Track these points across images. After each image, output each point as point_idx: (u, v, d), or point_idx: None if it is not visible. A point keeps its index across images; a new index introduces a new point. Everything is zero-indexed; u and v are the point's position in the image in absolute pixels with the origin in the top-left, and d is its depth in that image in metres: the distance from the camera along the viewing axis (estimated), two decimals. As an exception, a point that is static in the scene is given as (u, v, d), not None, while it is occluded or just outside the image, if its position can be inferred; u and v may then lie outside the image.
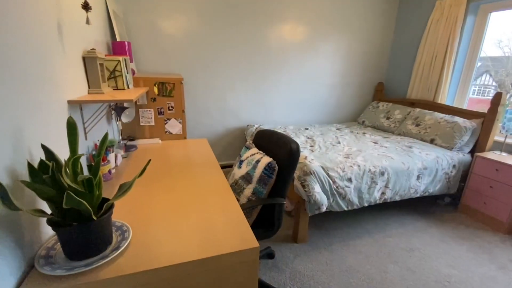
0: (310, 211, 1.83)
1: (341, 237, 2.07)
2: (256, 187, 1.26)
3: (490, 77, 3.87)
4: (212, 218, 0.97)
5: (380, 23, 3.44)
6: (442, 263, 1.82)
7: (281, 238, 2.03)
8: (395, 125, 3.06)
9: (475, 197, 2.34)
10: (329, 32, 3.23)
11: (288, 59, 3.16)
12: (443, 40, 2.78)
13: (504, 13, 2.58)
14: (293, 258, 1.82)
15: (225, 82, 2.97)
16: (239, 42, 2.89)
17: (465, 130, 2.42)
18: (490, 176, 2.21)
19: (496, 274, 1.73)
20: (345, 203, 1.96)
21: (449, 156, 2.34)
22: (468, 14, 2.69)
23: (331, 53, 3.34)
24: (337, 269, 1.73)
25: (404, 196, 2.20)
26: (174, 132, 2.11)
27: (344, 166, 1.99)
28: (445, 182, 2.34)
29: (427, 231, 2.17)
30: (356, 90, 3.65)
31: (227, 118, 3.11)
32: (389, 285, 1.62)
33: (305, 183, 1.80)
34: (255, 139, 1.62)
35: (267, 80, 3.15)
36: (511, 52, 3.09)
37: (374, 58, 3.58)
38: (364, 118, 3.47)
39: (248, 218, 1.28)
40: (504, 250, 1.97)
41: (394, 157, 2.20)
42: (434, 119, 2.69)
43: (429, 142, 2.62)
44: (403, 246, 1.98)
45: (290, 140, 1.31)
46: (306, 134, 2.84)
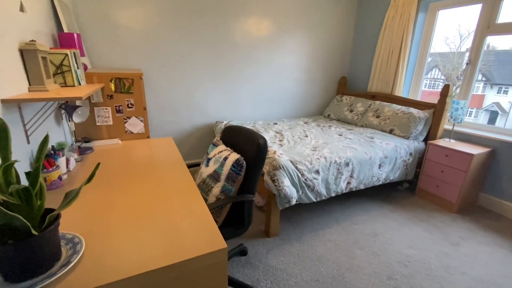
0: (280, 205, 1.85)
1: (312, 228, 2.12)
2: (225, 185, 1.23)
3: (439, 71, 4.24)
4: (177, 221, 0.91)
5: (342, 19, 3.56)
6: (403, 244, 1.95)
7: (253, 234, 2.03)
8: (357, 117, 3.21)
9: (429, 181, 2.55)
10: (293, 27, 3.26)
11: (255, 54, 3.13)
12: (398, 36, 2.96)
13: (450, 11, 2.82)
14: (266, 253, 1.82)
15: (191, 78, 2.86)
16: (203, 36, 2.79)
17: (419, 120, 2.62)
18: (441, 162, 2.43)
19: (449, 251, 1.90)
20: (314, 194, 2.01)
21: (406, 145, 2.52)
22: (419, 12, 2.89)
23: (296, 49, 3.38)
24: (308, 259, 1.77)
25: (367, 185, 2.32)
26: (135, 131, 1.97)
27: (311, 159, 2.03)
28: (404, 169, 2.52)
29: (389, 216, 2.32)
30: (321, 85, 3.76)
31: (194, 115, 3.01)
32: (357, 270, 1.70)
33: (274, 177, 1.80)
34: (222, 136, 1.58)
35: (234, 75, 3.09)
36: (456, 48, 3.40)
37: (337, 53, 3.71)
38: (330, 112, 3.59)
39: (217, 218, 1.24)
40: (455, 228, 2.18)
41: (357, 148, 2.31)
42: (392, 110, 2.86)
43: (389, 132, 2.79)
44: (368, 231, 2.10)
45: (257, 135, 1.29)
46: (275, 129, 2.85)
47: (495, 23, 2.41)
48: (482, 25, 2.48)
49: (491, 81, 4.58)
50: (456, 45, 3.41)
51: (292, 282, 1.59)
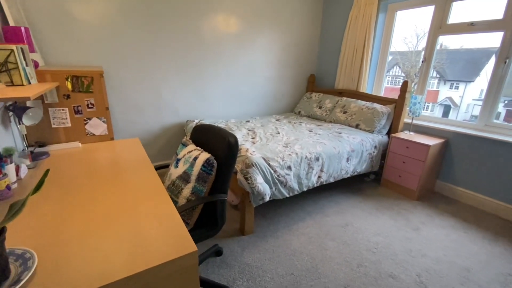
0: (254, 202, 1.85)
1: (285, 223, 2.16)
2: (195, 186, 1.20)
3: (400, 68, 4.55)
4: (143, 227, 0.87)
5: (308, 18, 3.64)
6: (370, 232, 2.07)
7: (228, 233, 2.01)
8: (326, 114, 3.32)
9: (392, 172, 2.73)
10: (262, 25, 3.27)
11: (225, 51, 3.09)
12: (361, 35, 3.10)
13: (407, 12, 3.02)
14: (241, 251, 1.82)
15: (158, 76, 2.75)
16: (170, 32, 2.68)
17: (382, 115, 2.78)
18: (403, 153, 2.60)
19: (411, 235, 2.05)
20: (287, 190, 2.05)
21: (371, 138, 2.66)
22: (379, 12, 3.05)
23: (266, 46, 3.40)
24: (283, 254, 1.80)
25: (337, 178, 2.42)
26: (97, 133, 1.85)
27: (283, 155, 2.06)
28: (369, 162, 2.66)
29: (358, 206, 2.44)
30: (291, 82, 3.82)
31: (163, 114, 2.90)
32: (329, 260, 1.76)
33: (247, 175, 1.80)
34: (192, 135, 1.53)
35: (205, 73, 3.03)
36: (414, 47, 3.66)
37: (305, 51, 3.79)
38: (300, 108, 3.67)
39: (188, 220, 1.21)
40: (416, 214, 2.35)
41: (326, 143, 2.39)
42: (358, 106, 3.01)
43: (355, 127, 2.92)
44: (339, 222, 2.19)
45: (228, 134, 1.27)
46: (247, 127, 2.85)
47: (446, 24, 2.63)
48: (434, 25, 2.69)
49: (444, 78, 5.00)
50: (414, 44, 3.68)
51: (267, 278, 1.61)
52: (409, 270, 1.70)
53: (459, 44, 3.57)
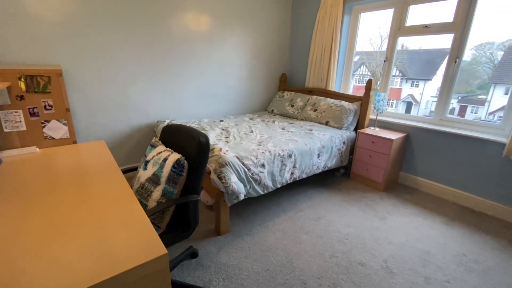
0: (229, 201, 1.85)
1: (261, 220, 2.18)
2: (166, 188, 1.17)
3: (366, 68, 4.80)
4: (109, 234, 0.83)
5: (279, 18, 3.70)
6: (342, 224, 2.17)
7: (204, 234, 1.99)
8: (298, 112, 3.41)
9: (360, 165, 2.88)
10: (233, 24, 3.26)
11: (195, 50, 3.04)
12: (329, 36, 3.22)
13: (371, 14, 3.18)
14: (217, 252, 1.81)
15: (125, 75, 2.62)
16: (136, 29, 2.57)
17: (349, 112, 2.91)
18: (369, 148, 2.75)
19: (379, 225, 2.18)
20: (261, 187, 2.07)
21: (340, 135, 2.79)
22: (345, 14, 3.19)
23: (238, 45, 3.39)
24: (259, 251, 1.83)
25: (309, 173, 2.49)
26: (58, 137, 1.72)
27: (257, 154, 2.08)
28: (339, 157, 2.78)
29: (329, 200, 2.54)
30: (264, 81, 3.86)
31: (131, 115, 2.78)
32: (303, 253, 1.82)
33: (221, 174, 1.79)
34: (162, 136, 1.49)
35: (174, 72, 2.95)
36: (378, 47, 3.88)
37: (276, 51, 3.85)
38: (273, 107, 3.73)
39: (159, 223, 1.17)
40: (382, 205, 2.51)
41: (298, 140, 2.45)
42: (327, 104, 3.12)
43: (325, 124, 3.04)
44: (312, 216, 2.26)
45: (198, 133, 1.25)
46: (221, 126, 2.83)
47: (404, 26, 2.82)
48: (394, 27, 2.88)
49: (406, 76, 5.37)
50: (378, 45, 3.90)
51: (244, 275, 1.62)
52: (376, 257, 1.81)
53: (418, 45, 3.85)
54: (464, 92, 3.89)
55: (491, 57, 2.99)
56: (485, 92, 3.60)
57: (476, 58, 3.04)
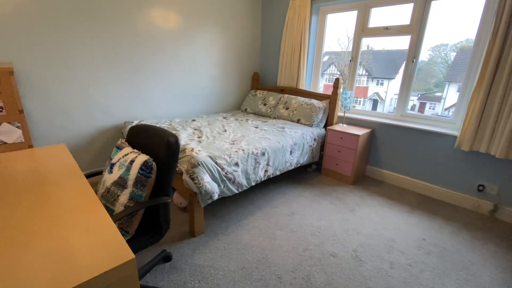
0: (203, 202, 1.83)
1: (236, 219, 2.19)
2: (133, 191, 1.13)
3: (335, 67, 4.99)
4: (71, 242, 0.78)
5: (249, 17, 3.71)
6: (314, 218, 2.24)
7: (178, 237, 1.95)
8: (271, 110, 3.46)
9: (330, 161, 3.00)
10: (203, 22, 3.21)
11: (164, 48, 2.94)
12: (298, 36, 3.30)
13: (337, 15, 3.31)
14: (192, 253, 1.79)
15: (87, 74, 2.47)
16: (99, 23, 2.43)
17: (319, 110, 3.02)
18: (338, 143, 2.88)
19: (348, 216, 2.29)
20: (235, 186, 2.07)
21: (311, 132, 2.88)
22: (312, 14, 3.29)
23: (208, 44, 3.35)
24: (235, 250, 1.83)
25: (282, 170, 2.55)
26: (10, 141, 1.58)
27: (230, 152, 2.08)
28: (310, 153, 2.88)
29: (302, 195, 2.62)
30: (236, 80, 3.86)
31: (96, 116, 2.62)
32: (278, 249, 1.86)
33: (194, 175, 1.76)
34: (128, 137, 1.43)
35: (142, 70, 2.83)
36: (346, 47, 4.05)
37: (248, 50, 3.86)
38: (246, 106, 3.74)
39: (127, 228, 1.13)
40: (351, 197, 2.63)
41: (271, 138, 2.49)
42: (298, 102, 3.20)
43: (296, 122, 3.12)
44: (286, 212, 2.31)
45: (167, 133, 1.22)
46: (193, 126, 2.78)
47: (367, 27, 2.98)
48: (358, 28, 3.03)
49: (372, 75, 5.68)
50: (345, 45, 4.07)
51: (219, 275, 1.61)
52: (347, 247, 1.90)
53: (382, 46, 4.08)
54: (423, 90, 4.20)
55: (446, 57, 3.26)
56: (441, 90, 3.91)
57: (433, 58, 3.30)
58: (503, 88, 2.06)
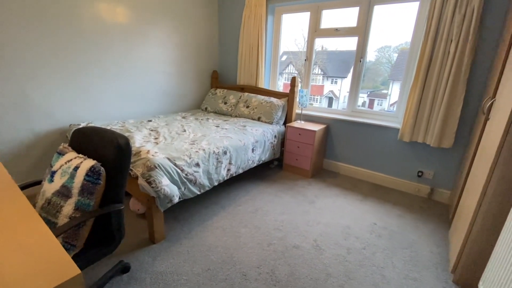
0: (162, 206, 1.75)
1: (200, 220, 2.14)
2: (79, 200, 1.03)
3: (293, 66, 5.17)
4: (3, 263, 0.69)
5: (205, 14, 3.63)
6: (277, 213, 2.30)
7: (136, 245, 1.83)
8: (231, 109, 3.44)
9: (291, 156, 3.10)
10: (155, 17, 3.05)
11: (112, 44, 2.73)
12: (255, 35, 3.34)
13: (292, 16, 3.42)
14: (153, 261, 1.70)
15: (21, 72, 2.18)
16: (36, 14, 2.15)
17: (278, 108, 3.10)
18: (297, 139, 2.99)
19: (308, 208, 2.40)
20: (197, 187, 2.03)
21: (271, 129, 2.94)
22: (268, 14, 3.35)
23: (163, 41, 3.20)
24: (199, 252, 1.79)
25: (245, 168, 2.56)
26: None
27: (190, 153, 2.02)
28: (272, 150, 2.94)
29: (265, 191, 2.67)
30: (195, 78, 3.75)
31: (35, 119, 2.33)
32: (243, 246, 1.86)
33: (150, 179, 1.67)
34: (72, 142, 1.30)
35: (89, 68, 2.59)
36: (302, 47, 4.20)
37: (206, 48, 3.78)
38: (206, 105, 3.67)
39: (74, 241, 1.03)
40: (311, 190, 2.76)
41: (232, 136, 2.49)
42: (258, 101, 3.25)
43: (257, 120, 3.16)
44: (250, 209, 2.34)
45: (116, 135, 1.14)
46: (149, 127, 2.64)
47: (320, 28, 3.13)
48: (312, 29, 3.17)
49: (327, 74, 6.01)
50: (302, 45, 4.23)
51: (183, 280, 1.56)
52: (308, 238, 1.99)
53: (335, 46, 4.34)
54: (372, 88, 4.58)
55: (389, 58, 3.59)
56: (387, 88, 4.30)
57: (379, 59, 3.61)
58: (434, 85, 2.35)
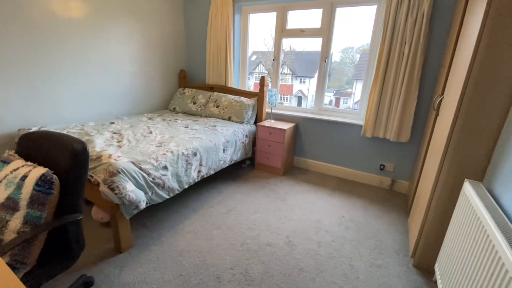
0: (127, 213, 1.65)
1: (170, 225, 2.07)
2: (29, 213, 0.93)
3: (263, 66, 5.20)
4: None
5: (169, 11, 3.51)
6: (250, 212, 2.30)
7: (101, 256, 1.71)
8: (201, 109, 3.37)
9: (262, 155, 3.13)
10: (116, 13, 2.87)
11: (66, 40, 2.51)
12: (222, 33, 3.30)
13: (259, 15, 3.43)
14: (120, 272, 1.60)
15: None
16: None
17: (248, 107, 3.10)
18: (267, 138, 3.02)
19: (280, 206, 2.44)
20: (166, 191, 1.95)
21: (242, 129, 2.94)
22: (235, 13, 3.33)
23: (125, 38, 3.03)
24: (169, 258, 1.73)
25: (217, 169, 2.52)
26: None
27: (157, 156, 1.94)
28: (243, 149, 2.94)
29: (238, 191, 2.66)
30: (161, 77, 3.61)
31: (-28, 124, 2.07)
32: (216, 248, 1.84)
33: (113, 185, 1.57)
34: (19, 148, 1.17)
35: (41, 67, 2.36)
36: (271, 47, 4.23)
37: (172, 46, 3.66)
38: (175, 105, 3.55)
39: (25, 259, 0.93)
40: (282, 187, 2.81)
41: (202, 137, 2.43)
42: (228, 100, 3.22)
43: (228, 119, 3.13)
44: (223, 210, 2.31)
45: (71, 140, 1.05)
46: (111, 129, 2.48)
47: (286, 29, 3.19)
48: (278, 29, 3.22)
49: (295, 74, 6.15)
50: (271, 45, 4.28)
51: (153, 288, 1.50)
52: (280, 235, 2.02)
53: (302, 47, 4.45)
54: (337, 87, 4.78)
55: (352, 58, 3.76)
56: (351, 87, 4.51)
57: (343, 59, 3.77)
58: (392, 84, 2.52)
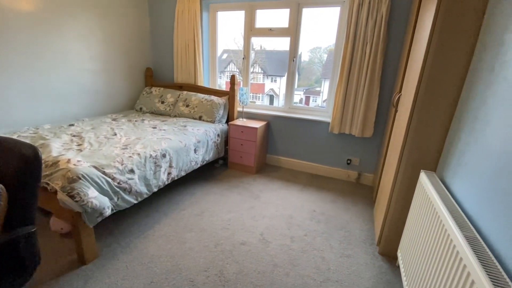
0: (90, 221, 1.55)
1: (139, 231, 1.98)
2: (-30, 228, 0.83)
3: (235, 65, 5.17)
4: None
5: (133, 6, 3.33)
6: (224, 212, 2.29)
7: (63, 269, 1.59)
8: (170, 108, 3.26)
9: (235, 154, 3.12)
10: (71, 7, 2.66)
11: (15, 36, 2.27)
12: (190, 31, 3.22)
13: (228, 14, 3.39)
14: (84, 284, 1.50)
15: None
16: None
17: (219, 106, 3.07)
18: (240, 137, 3.02)
19: (254, 204, 2.45)
20: (133, 196, 1.86)
21: (214, 128, 2.90)
22: (203, 10, 3.26)
23: (85, 34, 2.82)
24: (139, 266, 1.65)
25: (188, 170, 2.46)
26: None
27: (122, 159, 1.84)
28: (215, 149, 2.90)
29: (211, 192, 2.62)
30: (125, 76, 3.42)
31: None
32: (189, 252, 1.80)
33: (73, 192, 1.46)
34: (-44, 157, 1.04)
35: (-22, 64, 2.11)
36: (242, 46, 4.21)
37: (136, 43, 3.48)
38: (141, 105, 3.39)
39: (-34, 279, 0.83)
40: (255, 185, 2.83)
41: (172, 137, 2.36)
42: (198, 99, 3.15)
43: (198, 119, 3.07)
44: (196, 212, 2.26)
45: (20, 144, 0.95)
46: (71, 132, 2.30)
47: (255, 27, 3.20)
48: (247, 28, 3.22)
49: (267, 73, 6.21)
50: (241, 44, 4.26)
51: (122, 299, 1.42)
52: (255, 233, 2.04)
53: (272, 46, 4.50)
54: (307, 86, 4.92)
55: (320, 58, 3.89)
56: (320, 85, 4.66)
57: (312, 59, 3.89)
58: (356, 82, 2.65)
